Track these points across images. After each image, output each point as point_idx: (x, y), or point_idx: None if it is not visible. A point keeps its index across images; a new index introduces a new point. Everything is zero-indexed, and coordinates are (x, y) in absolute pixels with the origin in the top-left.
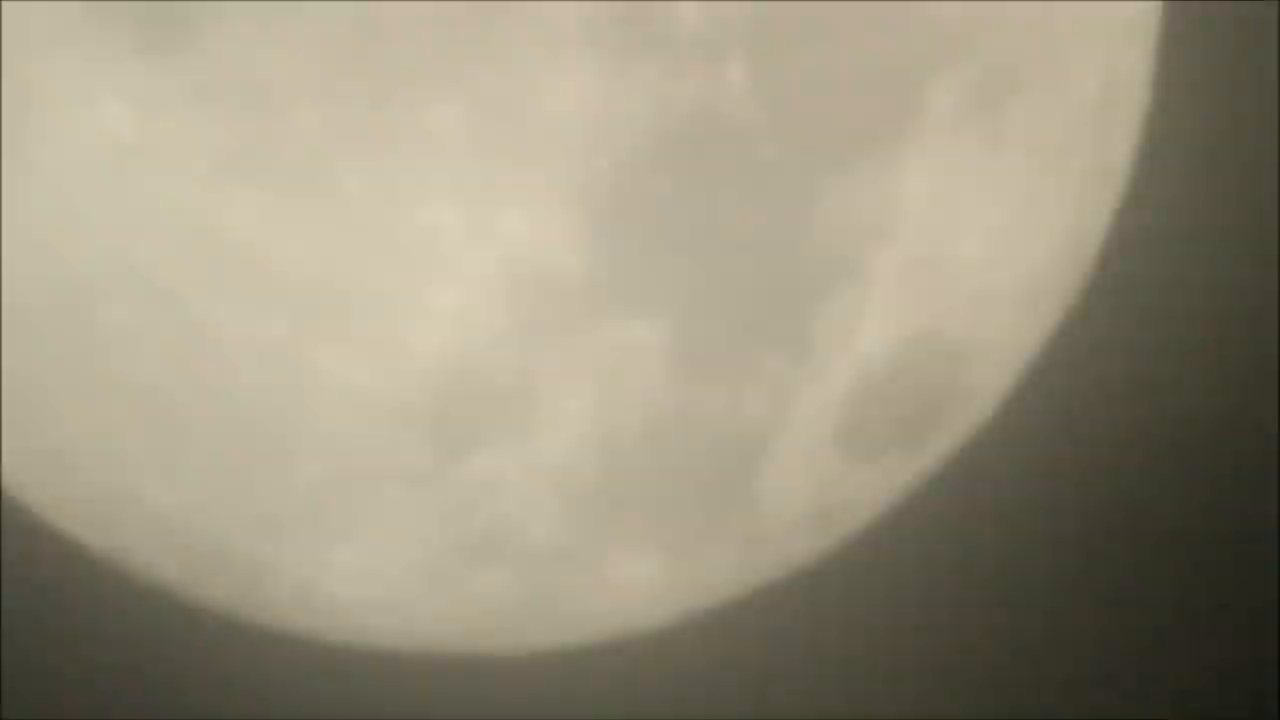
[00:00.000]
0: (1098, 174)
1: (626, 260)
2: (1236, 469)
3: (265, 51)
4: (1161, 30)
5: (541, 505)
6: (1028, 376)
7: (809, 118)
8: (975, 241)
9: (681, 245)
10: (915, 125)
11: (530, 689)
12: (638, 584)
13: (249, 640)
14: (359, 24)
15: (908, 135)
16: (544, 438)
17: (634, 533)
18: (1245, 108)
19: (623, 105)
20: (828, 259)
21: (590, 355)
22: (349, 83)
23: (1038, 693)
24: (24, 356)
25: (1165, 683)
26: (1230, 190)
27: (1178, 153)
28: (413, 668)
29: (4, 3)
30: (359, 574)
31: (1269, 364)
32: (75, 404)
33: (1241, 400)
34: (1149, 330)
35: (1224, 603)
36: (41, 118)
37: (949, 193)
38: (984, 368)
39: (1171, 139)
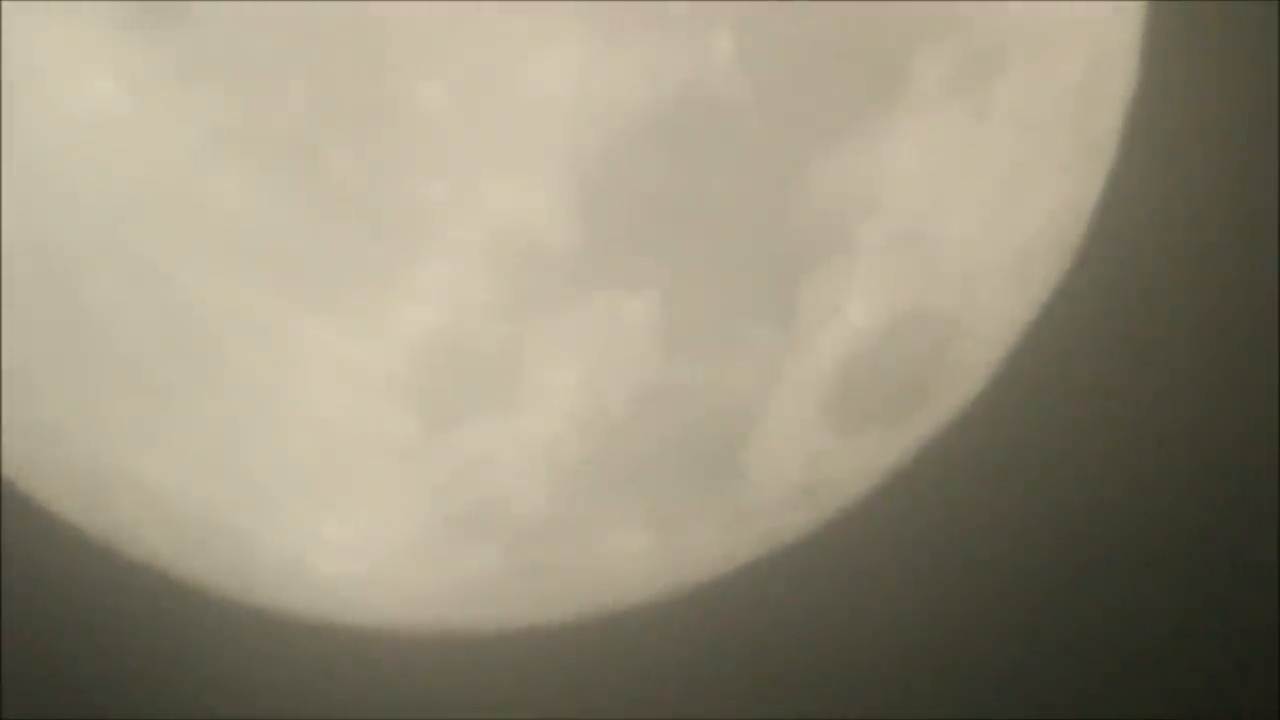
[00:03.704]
0: (1085, 150)
1: (614, 234)
2: (1229, 443)
3: (253, 27)
4: (1149, 7)
5: (530, 479)
6: (1015, 352)
7: (796, 92)
8: (963, 216)
9: (669, 219)
10: (902, 100)
11: (519, 664)
12: (626, 558)
13: (236, 616)
14: None
15: (895, 110)
16: (532, 412)
17: (622, 507)
18: (1232, 85)
19: (610, 79)
20: (815, 233)
21: (578, 329)
22: (337, 58)
23: (1025, 668)
24: (12, 333)
25: (1152, 665)
26: (1217, 167)
27: (1165, 128)
28: (401, 643)
29: None
30: (347, 548)
31: (1258, 338)
32: (62, 379)
33: (1232, 375)
34: (1137, 306)
35: (1216, 579)
36: (30, 94)
37: (936, 167)
38: (971, 343)
39: (1158, 115)
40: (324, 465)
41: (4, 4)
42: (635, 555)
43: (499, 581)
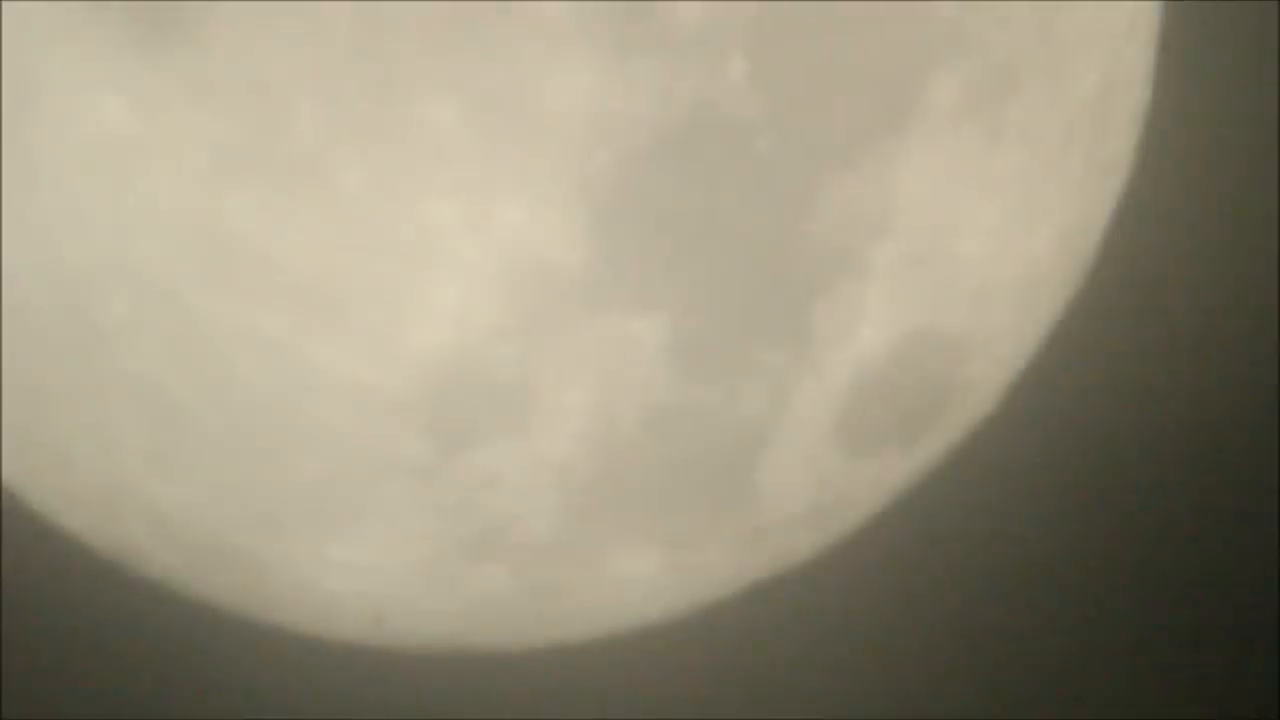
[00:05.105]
0: (1097, 170)
1: (626, 255)
2: (1236, 462)
3: (263, 47)
4: (1161, 28)
5: (541, 500)
6: (1026, 372)
7: (809, 113)
8: (974, 237)
9: (681, 240)
10: (915, 121)
11: (530, 684)
12: (637, 579)
13: (247, 636)
14: (358, 19)
15: (907, 131)
16: (543, 433)
17: (633, 528)
18: (1243, 105)
19: (622, 100)
20: (827, 254)
21: (589, 350)
22: (348, 78)
23: (1035, 688)
24: (23, 353)
25: (1164, 679)
26: (1228, 186)
27: (1176, 149)
28: (412, 663)
29: (4, 1)
30: (358, 570)
31: (1268, 358)
32: (74, 400)
33: (1241, 395)
34: (1148, 325)
35: (1224, 597)
36: (40, 114)
37: (948, 188)
38: (983, 363)
39: (1170, 135)
40: (335, 487)
41: (15, 25)
42: (646, 576)
43: (509, 602)
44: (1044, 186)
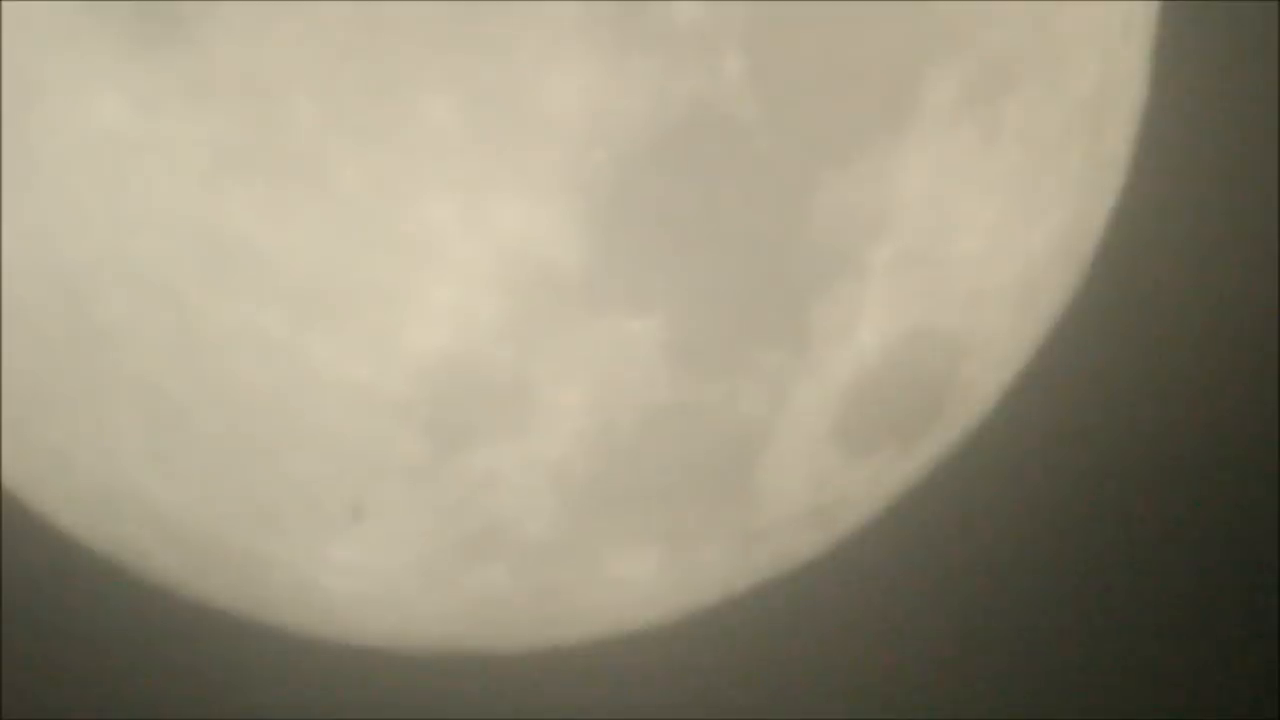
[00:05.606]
0: (1095, 169)
1: (623, 255)
2: (1234, 463)
3: (262, 46)
4: (1158, 26)
5: (539, 501)
6: (1025, 372)
7: (806, 112)
8: (972, 236)
9: (678, 240)
10: (912, 120)
11: (527, 686)
12: (635, 580)
13: (245, 636)
14: (356, 18)
15: (905, 130)
16: (541, 433)
17: (631, 528)
18: (1241, 104)
19: (620, 100)
20: (825, 254)
21: (587, 350)
22: (346, 76)
23: (1034, 689)
24: (22, 352)
25: (1162, 680)
26: (1226, 185)
27: (1174, 148)
28: (409, 664)
29: (4, 1)
30: (356, 570)
31: (1266, 358)
32: (72, 400)
33: (1239, 394)
34: (1146, 325)
35: (1223, 597)
36: (40, 114)
37: (946, 187)
38: (981, 363)
39: (1168, 134)
40: (333, 487)
41: (15, 25)
42: (644, 576)
43: (507, 602)
44: (1041, 185)
